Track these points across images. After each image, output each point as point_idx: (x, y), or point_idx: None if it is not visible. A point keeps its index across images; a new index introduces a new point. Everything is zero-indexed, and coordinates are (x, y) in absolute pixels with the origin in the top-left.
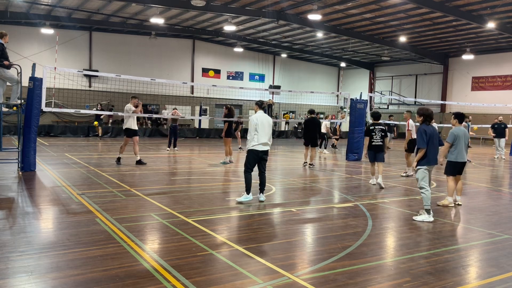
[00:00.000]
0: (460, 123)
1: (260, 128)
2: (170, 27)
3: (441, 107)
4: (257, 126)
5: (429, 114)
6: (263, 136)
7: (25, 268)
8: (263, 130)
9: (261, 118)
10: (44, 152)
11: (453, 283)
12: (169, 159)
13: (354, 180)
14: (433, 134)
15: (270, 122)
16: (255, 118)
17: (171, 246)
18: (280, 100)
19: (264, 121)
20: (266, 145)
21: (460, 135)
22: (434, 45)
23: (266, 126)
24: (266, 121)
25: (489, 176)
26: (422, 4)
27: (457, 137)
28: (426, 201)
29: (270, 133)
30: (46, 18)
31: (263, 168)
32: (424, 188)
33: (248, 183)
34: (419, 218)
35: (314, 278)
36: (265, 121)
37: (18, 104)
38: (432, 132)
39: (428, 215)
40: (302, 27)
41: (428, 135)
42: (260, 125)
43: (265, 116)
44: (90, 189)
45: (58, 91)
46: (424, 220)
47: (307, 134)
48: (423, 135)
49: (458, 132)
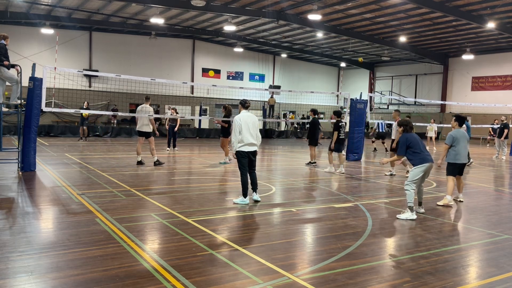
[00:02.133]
0: (460, 126)
1: (244, 128)
2: (170, 27)
3: (441, 107)
4: (240, 127)
5: (408, 124)
6: (248, 137)
7: (25, 268)
8: (247, 130)
9: (244, 118)
10: (44, 152)
11: (453, 283)
12: (169, 159)
13: (354, 180)
14: (416, 139)
15: (254, 122)
16: (238, 118)
17: (171, 246)
18: (280, 100)
19: (248, 120)
20: (252, 146)
21: (459, 137)
22: (434, 45)
23: (251, 126)
24: (250, 120)
25: (489, 176)
26: (422, 4)
27: (456, 139)
28: (409, 199)
29: (255, 133)
30: (46, 18)
31: (253, 167)
32: (409, 185)
33: (245, 186)
34: (403, 217)
35: (314, 278)
36: (249, 120)
37: (18, 104)
38: (415, 139)
39: (411, 213)
40: (302, 27)
41: (411, 141)
42: (244, 125)
43: (249, 116)
44: (90, 189)
45: (58, 91)
46: (407, 218)
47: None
48: (404, 144)
49: (456, 134)
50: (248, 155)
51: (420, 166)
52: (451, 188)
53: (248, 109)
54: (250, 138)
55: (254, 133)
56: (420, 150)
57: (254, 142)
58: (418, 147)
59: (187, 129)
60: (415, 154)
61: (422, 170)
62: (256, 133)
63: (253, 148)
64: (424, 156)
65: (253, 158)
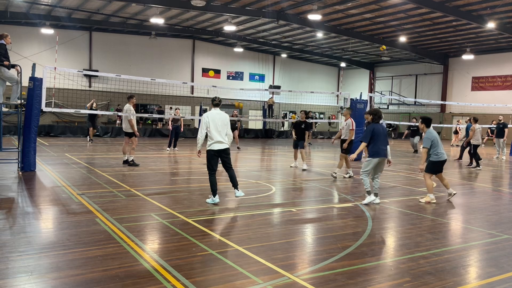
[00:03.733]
0: (428, 127)
1: (212, 126)
2: (170, 27)
3: (441, 107)
4: (208, 125)
5: (377, 113)
6: (215, 134)
7: (25, 268)
8: (214, 128)
9: (212, 116)
10: (44, 152)
11: (453, 283)
12: (169, 159)
13: (354, 180)
14: (382, 131)
15: (223, 119)
16: (206, 116)
17: (171, 246)
18: (280, 100)
19: (216, 118)
20: (220, 143)
21: (434, 136)
22: (434, 45)
23: (219, 124)
24: (219, 118)
25: (489, 176)
26: (422, 4)
27: (433, 140)
28: (366, 185)
29: (225, 130)
30: (46, 18)
31: (227, 165)
32: (364, 174)
33: (212, 185)
34: (365, 201)
35: (314, 278)
36: (217, 118)
37: (18, 104)
38: (380, 130)
39: (369, 196)
40: (302, 27)
41: (376, 133)
42: (211, 122)
43: (218, 113)
44: (90, 189)
45: (58, 91)
46: (369, 201)
47: None
48: (370, 133)
49: (431, 136)
50: (218, 153)
51: (372, 159)
52: (431, 186)
53: (218, 107)
54: (217, 136)
55: (223, 131)
56: (379, 143)
57: (222, 140)
58: (378, 140)
59: (187, 129)
60: (373, 146)
61: (374, 162)
62: (225, 131)
63: (222, 146)
64: (379, 149)
65: (225, 156)
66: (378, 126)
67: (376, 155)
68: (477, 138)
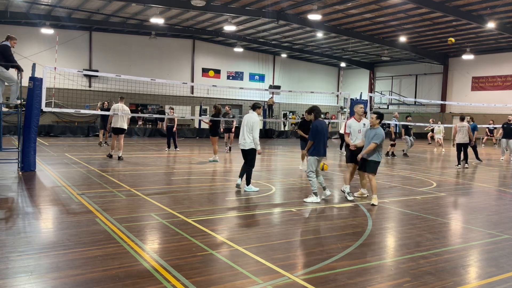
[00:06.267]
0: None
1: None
2: (170, 27)
3: (441, 107)
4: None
5: (315, 109)
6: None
7: (25, 268)
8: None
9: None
10: (44, 152)
11: (453, 283)
12: (168, 159)
13: (354, 180)
14: (323, 129)
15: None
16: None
17: (171, 246)
18: (280, 100)
19: (244, 120)
20: (241, 144)
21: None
22: (434, 45)
23: (244, 126)
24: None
25: (489, 176)
26: (422, 4)
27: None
28: (313, 186)
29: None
30: (46, 18)
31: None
32: (311, 174)
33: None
34: (309, 200)
35: (314, 278)
36: (245, 120)
37: (17, 104)
38: (322, 127)
39: (315, 197)
40: (302, 27)
41: (320, 130)
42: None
43: (248, 116)
44: (90, 189)
45: (58, 91)
46: (313, 201)
47: None
48: (315, 131)
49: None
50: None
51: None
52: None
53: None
54: (240, 137)
55: (244, 133)
56: (319, 141)
57: (241, 142)
58: (320, 137)
59: (187, 129)
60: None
61: (316, 159)
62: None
63: (241, 146)
64: (318, 147)
65: (244, 157)
66: (321, 124)
67: (315, 153)
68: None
